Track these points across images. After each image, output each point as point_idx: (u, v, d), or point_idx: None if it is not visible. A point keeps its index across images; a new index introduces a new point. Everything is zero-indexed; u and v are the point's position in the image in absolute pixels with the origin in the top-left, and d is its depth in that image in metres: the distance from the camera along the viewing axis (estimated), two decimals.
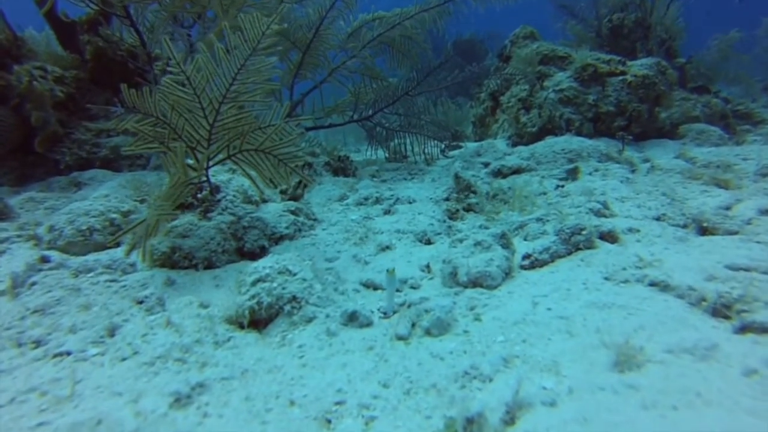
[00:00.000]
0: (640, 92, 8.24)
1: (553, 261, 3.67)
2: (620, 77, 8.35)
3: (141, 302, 3.22)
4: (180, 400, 2.23)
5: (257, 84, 3.90)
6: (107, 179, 6.09)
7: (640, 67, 8.44)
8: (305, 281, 3.16)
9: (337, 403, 2.23)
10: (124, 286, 3.48)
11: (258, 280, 3.11)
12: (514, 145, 8.51)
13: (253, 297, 3.03)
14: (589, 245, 3.73)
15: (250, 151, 3.99)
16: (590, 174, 5.88)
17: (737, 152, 6.91)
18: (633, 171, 6.04)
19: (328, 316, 3.00)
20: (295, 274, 3.18)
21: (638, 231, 4.00)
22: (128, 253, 3.64)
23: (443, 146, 8.39)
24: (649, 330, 2.46)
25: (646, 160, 6.69)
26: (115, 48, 7.34)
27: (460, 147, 8.81)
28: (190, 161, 4.01)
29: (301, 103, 7.66)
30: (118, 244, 3.92)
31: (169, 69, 3.71)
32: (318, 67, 7.52)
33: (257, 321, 3.02)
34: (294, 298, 3.05)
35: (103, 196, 4.75)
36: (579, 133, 7.91)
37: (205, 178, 4.14)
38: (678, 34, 10.68)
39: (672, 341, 2.30)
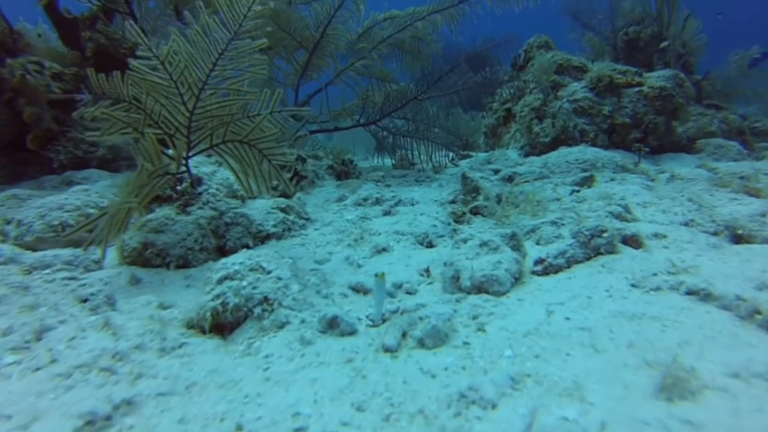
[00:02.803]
0: (657, 104, 7.70)
1: (569, 267, 3.10)
2: (637, 89, 7.82)
3: (85, 300, 2.65)
4: (93, 424, 1.65)
5: (242, 69, 3.39)
6: (102, 179, 5.56)
7: (657, 78, 7.89)
8: (280, 280, 2.58)
9: (296, 430, 1.66)
10: (84, 284, 2.92)
11: (225, 278, 2.55)
12: (527, 155, 7.97)
13: (217, 297, 2.47)
14: (611, 250, 3.15)
15: (234, 141, 3.46)
16: (606, 183, 5.32)
17: (758, 167, 6.31)
18: (652, 181, 5.46)
19: (303, 321, 2.43)
20: (269, 272, 2.61)
21: (665, 237, 3.42)
22: (87, 248, 3.10)
23: (453, 155, 7.83)
24: (696, 346, 1.87)
25: (662, 173, 6.12)
26: (117, 46, 6.86)
27: (471, 156, 8.27)
28: (171, 152, 3.48)
29: (306, 104, 7.11)
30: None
31: (140, 54, 3.20)
32: (325, 68, 6.97)
33: (221, 325, 2.46)
34: (266, 299, 2.48)
35: (82, 190, 4.22)
36: (593, 145, 7.37)
37: (184, 169, 3.59)
38: (697, 50, 10.05)
39: (734, 362, 1.72)
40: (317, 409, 1.76)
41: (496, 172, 6.07)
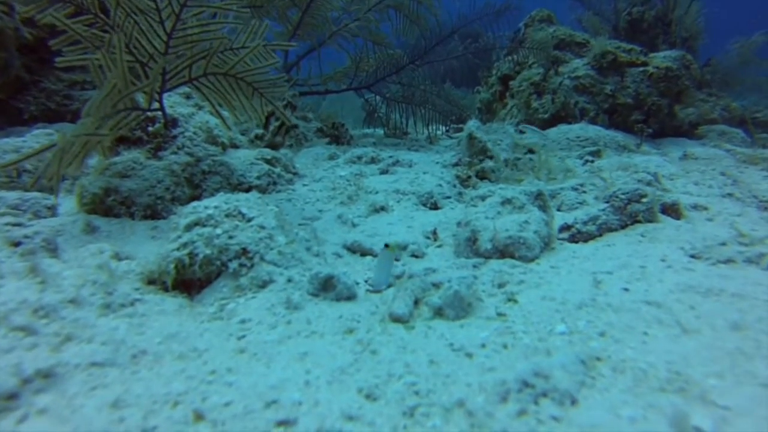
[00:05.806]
0: (662, 86, 7.18)
1: (601, 235, 2.58)
2: (641, 68, 7.29)
3: (17, 244, 2.07)
4: None
5: None
6: None
7: (663, 58, 7.37)
8: (263, 229, 2.03)
9: (280, 424, 1.12)
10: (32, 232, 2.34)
11: (195, 224, 2.00)
12: (524, 131, 7.43)
13: (184, 246, 1.92)
14: (650, 218, 2.63)
15: (217, 74, 2.89)
16: (616, 158, 4.80)
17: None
18: (666, 157, 4.96)
19: (290, 280, 1.88)
20: (249, 220, 2.06)
21: (706, 208, 2.91)
22: (32, 186, 2.53)
23: (447, 128, 7.30)
24: None
25: (664, 156, 5.63)
26: None
27: None
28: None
29: (296, 66, 6.52)
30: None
31: None
32: (318, 28, 6.37)
33: (188, 282, 1.91)
34: (244, 251, 1.93)
35: (44, 133, 3.66)
36: (594, 124, 6.85)
37: (157, 106, 3.01)
38: (698, 34, 9.49)
39: None
40: (310, 394, 1.23)
41: (498, 143, 5.55)
